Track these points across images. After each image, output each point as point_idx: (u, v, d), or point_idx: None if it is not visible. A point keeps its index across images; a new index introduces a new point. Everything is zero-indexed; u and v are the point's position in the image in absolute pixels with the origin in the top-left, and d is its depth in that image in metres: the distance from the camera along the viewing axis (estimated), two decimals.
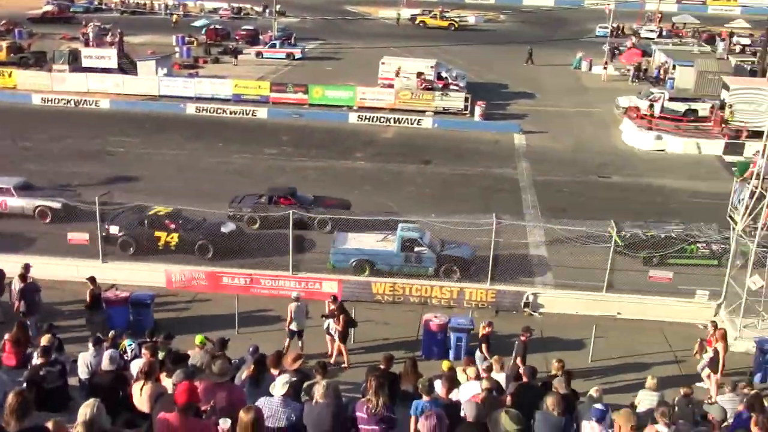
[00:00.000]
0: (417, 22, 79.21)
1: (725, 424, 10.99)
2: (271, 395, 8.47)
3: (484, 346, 16.51)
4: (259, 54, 57.91)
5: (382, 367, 11.90)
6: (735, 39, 68.48)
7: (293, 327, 17.70)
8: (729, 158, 36.29)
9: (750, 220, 19.68)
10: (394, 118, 41.14)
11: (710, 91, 45.19)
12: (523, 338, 16.30)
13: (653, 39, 68.77)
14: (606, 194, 31.12)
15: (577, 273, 22.14)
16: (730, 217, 21.05)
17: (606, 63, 55.79)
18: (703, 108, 41.77)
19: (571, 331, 19.38)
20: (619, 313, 20.83)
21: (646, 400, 12.61)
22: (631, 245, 23.08)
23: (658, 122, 40.16)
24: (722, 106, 40.34)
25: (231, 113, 41.83)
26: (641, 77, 54.07)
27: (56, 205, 24.69)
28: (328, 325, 17.72)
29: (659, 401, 11.52)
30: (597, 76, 55.06)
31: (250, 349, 12.93)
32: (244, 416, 6.98)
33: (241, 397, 8.73)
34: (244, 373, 10.53)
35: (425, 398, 9.36)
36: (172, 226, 23.10)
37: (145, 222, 23.14)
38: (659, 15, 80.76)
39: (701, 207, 27.98)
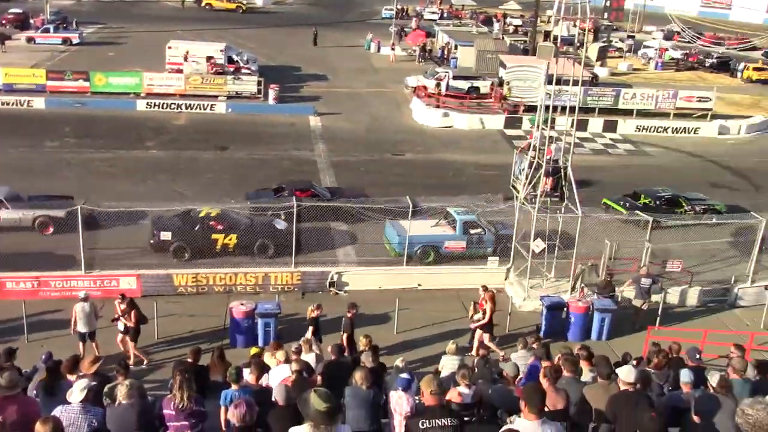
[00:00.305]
0: (203, 4, 76.98)
1: (519, 378, 11.82)
2: (69, 403, 7.97)
3: (311, 329, 16.61)
4: (30, 39, 53.45)
5: (189, 360, 11.59)
6: (508, 20, 73.30)
7: (81, 329, 16.67)
8: (509, 132, 38.97)
9: (530, 188, 21.24)
10: (186, 104, 39.83)
11: (489, 69, 48.09)
12: (349, 315, 16.64)
13: (436, 20, 71.80)
14: (401, 171, 32.24)
15: (379, 249, 22.85)
16: (513, 186, 22.61)
17: (393, 44, 57.48)
18: (484, 85, 44.44)
19: (376, 305, 19.92)
20: (419, 285, 21.74)
21: (448, 364, 13.26)
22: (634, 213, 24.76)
23: (444, 100, 42.17)
24: (501, 83, 43.16)
25: (3, 104, 38.37)
26: (427, 57, 56.32)
27: (59, 214, 22.10)
28: (125, 325, 16.90)
29: (460, 364, 12.18)
30: (386, 57, 56.61)
31: (43, 356, 12.08)
32: (40, 428, 6.51)
33: (35, 408, 8.12)
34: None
35: (234, 387, 9.25)
36: (219, 227, 22.07)
37: (198, 226, 21.94)
38: None
39: (488, 178, 29.82)
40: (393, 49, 56.89)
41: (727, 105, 46.12)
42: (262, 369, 10.47)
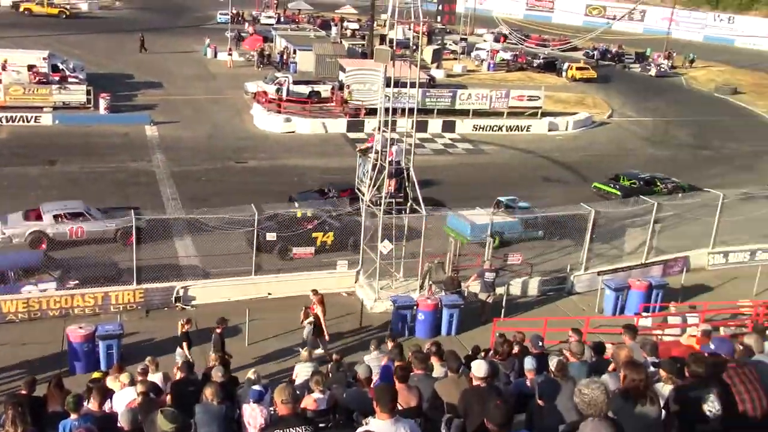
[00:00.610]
0: (21, 9, 72.38)
1: (374, 380, 11.98)
2: None
3: (184, 344, 16.03)
4: None
5: (23, 392, 10.84)
6: (345, 24, 74.24)
7: None
8: (352, 135, 39.43)
9: (375, 190, 21.57)
10: (7, 117, 37.23)
11: (329, 73, 48.47)
12: (218, 330, 16.18)
13: (273, 25, 71.51)
14: (245, 179, 31.82)
15: (226, 260, 22.39)
16: (358, 189, 22.88)
17: (230, 49, 56.66)
18: (324, 89, 44.73)
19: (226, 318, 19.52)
20: (269, 294, 21.52)
21: (302, 372, 13.20)
22: (627, 194, 29.16)
23: (285, 105, 42.04)
24: (341, 87, 43.59)
25: None
26: (265, 62, 55.95)
27: (140, 224, 21.60)
28: None
29: (314, 371, 12.16)
30: (223, 63, 55.69)
31: None
32: None
33: None
34: None
35: (73, 416, 8.76)
36: (310, 226, 23.21)
37: (303, 224, 23.14)
38: (275, 1, 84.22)
39: (333, 182, 29.97)
40: (230, 54, 56.08)
41: (555, 103, 49.05)
42: (105, 394, 9.99)
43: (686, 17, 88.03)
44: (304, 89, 44.27)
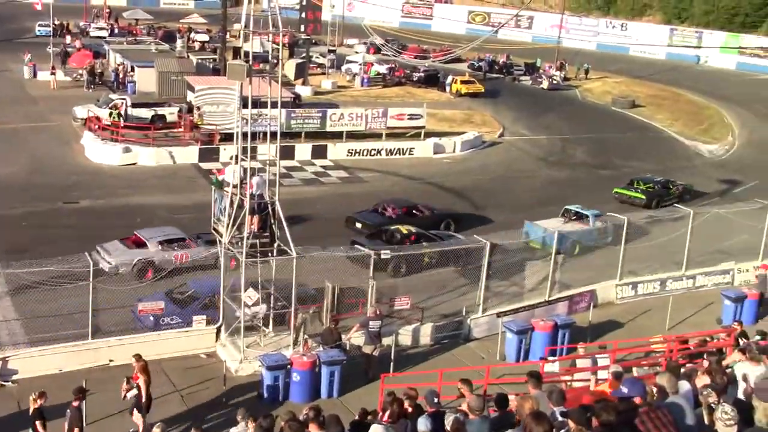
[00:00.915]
0: None
1: None
2: None
3: (38, 423, 15.16)
4: None
5: None
6: (193, 35, 73.53)
7: None
8: (205, 165, 38.89)
9: (235, 230, 21.24)
10: None
11: (175, 93, 47.81)
12: (75, 403, 15.64)
13: (105, 38, 69.84)
14: (77, 222, 30.82)
15: (55, 322, 21.44)
16: (215, 229, 22.50)
17: (54, 67, 54.96)
18: (170, 113, 44.02)
19: (57, 393, 18.46)
20: (111, 361, 20.73)
21: None
22: (650, 197, 36.67)
23: (123, 132, 41.05)
24: (190, 110, 43.05)
25: None
26: (97, 82, 54.55)
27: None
28: None
29: None
30: (46, 83, 53.91)
31: None
32: None
33: None
34: None
35: None
36: (413, 239, 27.56)
37: (405, 242, 27.32)
38: (107, 11, 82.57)
39: (184, 222, 29.46)
40: (54, 73, 54.39)
41: (439, 121, 50.32)
42: None
43: (577, 24, 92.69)
44: (146, 113, 43.45)
